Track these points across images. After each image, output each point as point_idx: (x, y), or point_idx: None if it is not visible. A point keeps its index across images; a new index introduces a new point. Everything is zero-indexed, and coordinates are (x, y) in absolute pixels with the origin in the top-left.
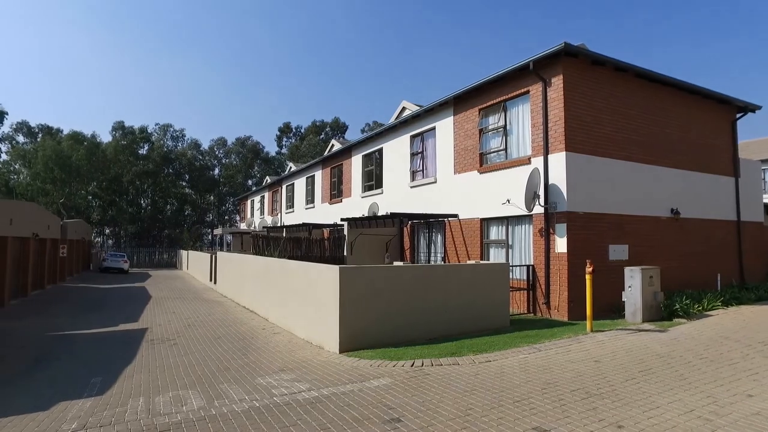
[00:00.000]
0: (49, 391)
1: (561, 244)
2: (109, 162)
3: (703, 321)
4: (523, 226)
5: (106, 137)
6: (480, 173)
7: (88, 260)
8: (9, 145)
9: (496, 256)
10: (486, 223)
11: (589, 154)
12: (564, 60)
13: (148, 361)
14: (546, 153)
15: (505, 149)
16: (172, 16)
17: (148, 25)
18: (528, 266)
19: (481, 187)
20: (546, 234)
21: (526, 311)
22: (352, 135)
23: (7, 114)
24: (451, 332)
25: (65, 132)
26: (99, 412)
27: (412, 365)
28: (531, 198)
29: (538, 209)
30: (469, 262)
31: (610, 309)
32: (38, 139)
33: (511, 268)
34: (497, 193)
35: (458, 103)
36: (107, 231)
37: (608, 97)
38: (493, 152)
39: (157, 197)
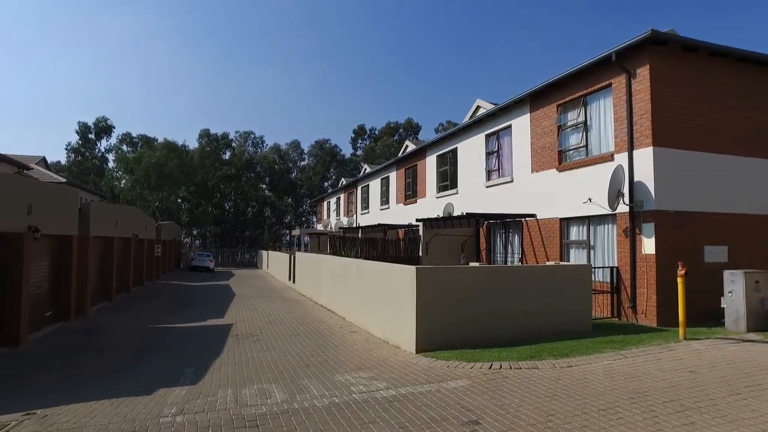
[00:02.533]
0: (151, 378)
1: (648, 245)
2: (196, 167)
3: None
4: (606, 226)
5: (192, 143)
6: (559, 171)
7: (178, 259)
8: (115, 154)
9: (576, 257)
10: (565, 222)
11: (680, 148)
12: (651, 49)
13: (234, 355)
14: (631, 149)
15: (586, 146)
16: (247, 28)
17: (228, 38)
18: (612, 268)
19: (560, 185)
20: (631, 234)
21: (609, 315)
22: (425, 135)
23: (114, 128)
24: (529, 335)
25: (159, 140)
26: (193, 400)
27: (489, 367)
28: (615, 196)
29: (623, 208)
30: (548, 263)
31: (706, 316)
32: (138, 148)
33: (593, 269)
34: (577, 192)
35: (535, 99)
36: (194, 232)
37: (703, 85)
38: (573, 149)
39: (239, 200)
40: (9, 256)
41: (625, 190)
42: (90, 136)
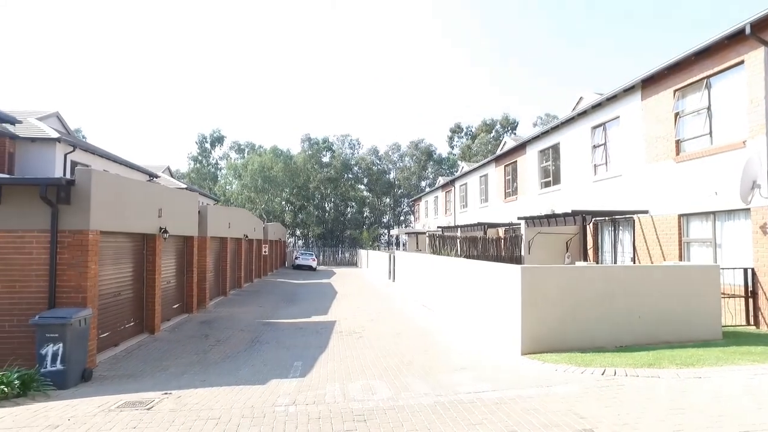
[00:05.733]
0: (264, 369)
1: None
2: (298, 171)
3: None
4: (736, 222)
5: (293, 148)
6: (676, 163)
7: (283, 258)
8: (225, 161)
9: (698, 256)
10: (685, 219)
11: None
12: None
13: (339, 351)
14: None
15: (710, 133)
16: (345, 32)
17: (320, 43)
18: (745, 269)
19: (678, 178)
20: None
21: (744, 323)
22: (523, 130)
23: (225, 137)
24: (644, 340)
25: (264, 147)
26: (303, 392)
27: (602, 373)
28: (748, 188)
29: (759, 201)
30: (665, 263)
31: None
32: (245, 155)
33: (720, 270)
34: (699, 185)
35: (647, 86)
36: (298, 232)
37: None
38: (693, 138)
39: (338, 201)
40: (147, 256)
41: (763, 180)
42: (206, 145)
